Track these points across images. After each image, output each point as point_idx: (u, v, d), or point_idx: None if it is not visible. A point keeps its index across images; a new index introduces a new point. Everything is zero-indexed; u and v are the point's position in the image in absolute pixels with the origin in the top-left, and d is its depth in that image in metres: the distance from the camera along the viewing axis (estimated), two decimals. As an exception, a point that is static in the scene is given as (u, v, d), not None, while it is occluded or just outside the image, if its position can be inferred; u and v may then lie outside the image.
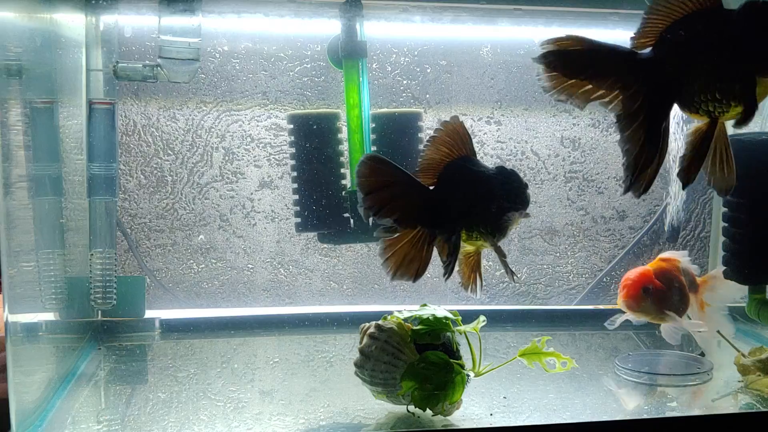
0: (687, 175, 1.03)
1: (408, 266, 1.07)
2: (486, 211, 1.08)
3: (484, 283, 1.16)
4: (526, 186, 1.12)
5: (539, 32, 1.61)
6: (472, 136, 1.13)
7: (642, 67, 1.02)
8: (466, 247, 1.11)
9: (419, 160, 1.10)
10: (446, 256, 1.07)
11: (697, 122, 1.05)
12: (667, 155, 1.03)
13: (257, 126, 1.60)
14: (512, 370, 1.22)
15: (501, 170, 1.10)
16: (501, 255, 1.09)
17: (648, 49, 1.02)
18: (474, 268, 1.13)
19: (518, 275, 1.16)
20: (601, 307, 1.71)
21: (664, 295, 1.31)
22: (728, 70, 0.99)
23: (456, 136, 1.08)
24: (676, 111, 1.04)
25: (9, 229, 1.01)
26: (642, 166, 1.00)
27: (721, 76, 0.99)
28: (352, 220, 1.45)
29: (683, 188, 1.09)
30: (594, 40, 1.01)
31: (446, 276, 1.06)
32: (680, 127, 1.46)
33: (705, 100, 1.00)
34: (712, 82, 0.99)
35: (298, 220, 1.46)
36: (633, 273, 1.32)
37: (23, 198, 1.11)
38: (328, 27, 1.48)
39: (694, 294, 1.37)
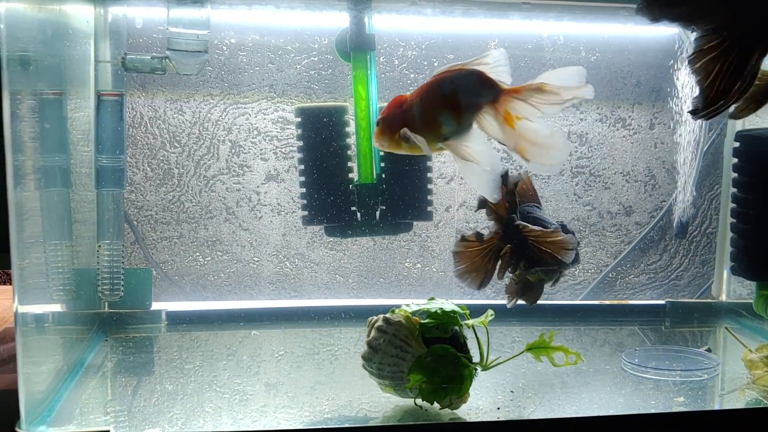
0: (737, 113, 1.00)
1: (476, 275, 1.19)
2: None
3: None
4: (578, 243, 1.22)
5: (549, 27, 1.61)
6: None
7: (738, 4, 0.93)
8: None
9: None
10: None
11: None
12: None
13: (264, 119, 1.60)
14: (518, 364, 1.22)
15: (563, 228, 1.18)
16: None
17: None
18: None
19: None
20: (606, 302, 1.72)
21: (397, 116, 1.14)
22: None
23: (529, 185, 1.24)
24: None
25: (19, 221, 1.01)
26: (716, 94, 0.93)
27: None
28: (359, 214, 1.45)
29: (730, 116, 1.03)
30: None
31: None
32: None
33: None
34: None
35: (305, 213, 1.45)
36: None
37: (31, 189, 1.11)
38: (336, 20, 1.48)
39: (491, 105, 1.08)
